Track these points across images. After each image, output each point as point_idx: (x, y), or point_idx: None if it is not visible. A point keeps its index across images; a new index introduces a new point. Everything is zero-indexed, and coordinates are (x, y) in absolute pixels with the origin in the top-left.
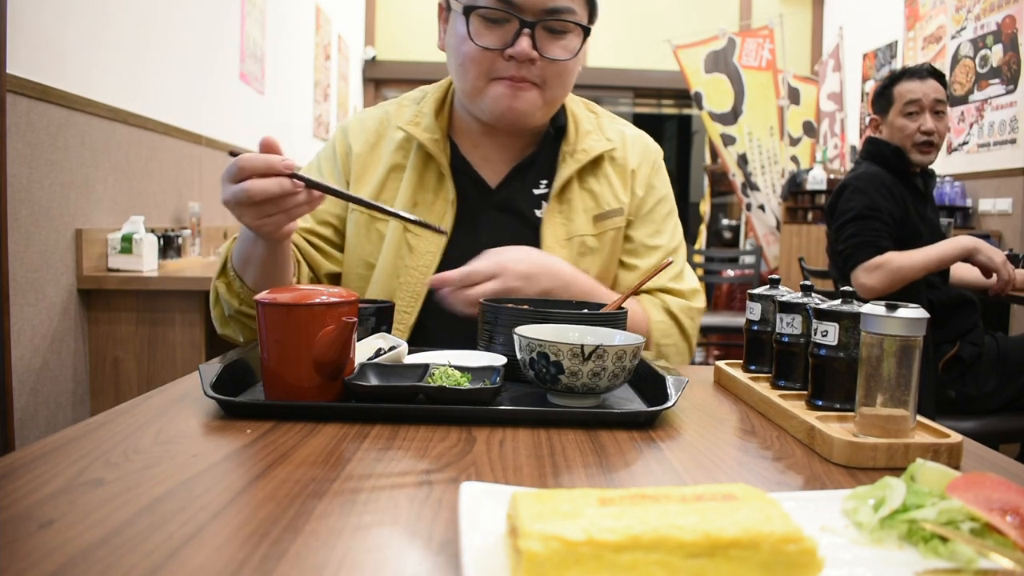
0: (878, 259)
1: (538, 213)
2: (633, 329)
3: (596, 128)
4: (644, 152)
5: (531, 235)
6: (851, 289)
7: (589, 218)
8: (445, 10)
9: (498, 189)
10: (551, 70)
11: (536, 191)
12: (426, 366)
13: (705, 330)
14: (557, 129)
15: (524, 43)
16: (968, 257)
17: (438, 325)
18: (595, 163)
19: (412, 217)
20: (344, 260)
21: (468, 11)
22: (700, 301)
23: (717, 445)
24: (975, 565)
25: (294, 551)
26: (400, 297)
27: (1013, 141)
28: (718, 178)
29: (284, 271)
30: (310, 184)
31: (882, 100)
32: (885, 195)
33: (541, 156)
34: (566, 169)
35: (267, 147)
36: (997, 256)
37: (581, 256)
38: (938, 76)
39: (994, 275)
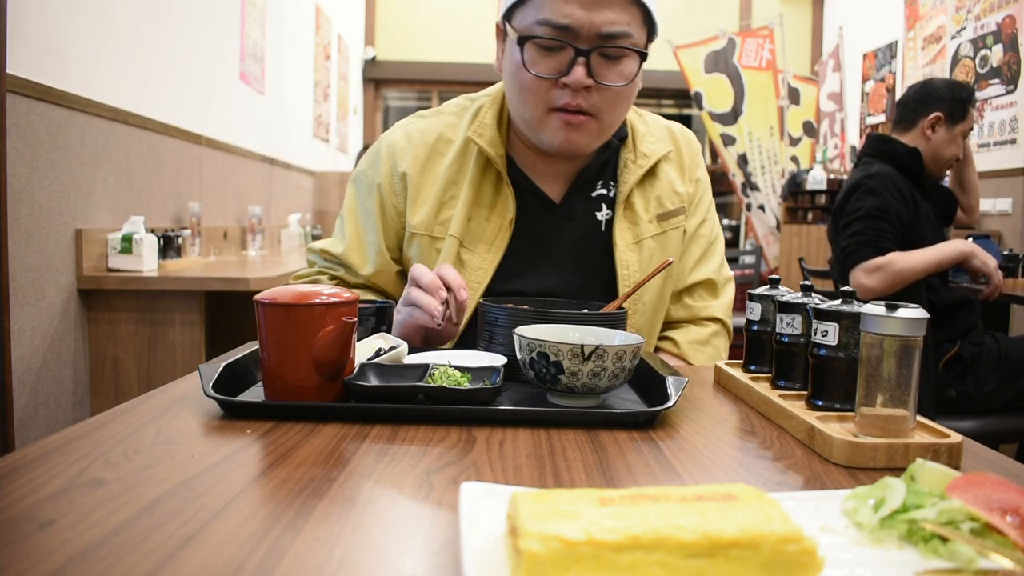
0: (880, 260)
1: (599, 216)
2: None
3: (646, 129)
4: (690, 145)
5: (595, 239)
6: (851, 289)
7: (653, 218)
8: (503, 32)
9: (562, 204)
10: (607, 97)
11: (593, 194)
12: (426, 366)
13: None
14: (620, 138)
15: (579, 72)
16: (964, 261)
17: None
18: (653, 166)
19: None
20: None
21: (523, 41)
22: (728, 294)
23: (717, 445)
24: (975, 565)
25: (294, 551)
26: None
27: (1013, 141)
28: (718, 178)
29: None
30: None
31: (958, 109)
32: (897, 198)
33: (597, 160)
34: (631, 175)
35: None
36: (991, 261)
37: (650, 258)
38: None
39: (984, 279)
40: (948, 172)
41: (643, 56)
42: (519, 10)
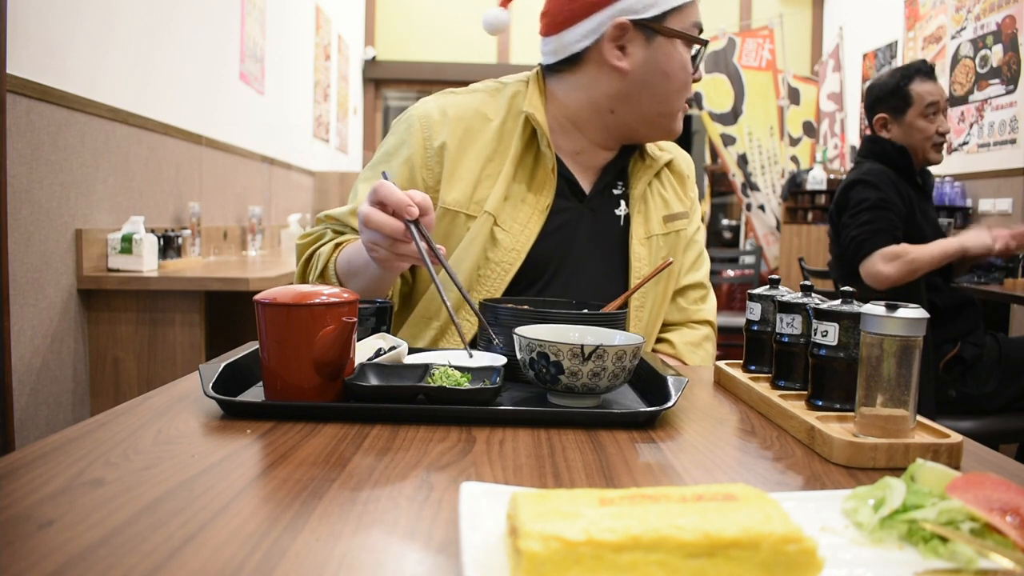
0: (896, 248)
1: (616, 212)
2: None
3: None
4: (686, 160)
5: (614, 234)
6: (851, 289)
7: (660, 218)
8: (635, 30)
9: (591, 196)
10: None
11: (615, 191)
12: (426, 366)
13: None
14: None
15: (700, 68)
16: (966, 253)
17: None
18: (660, 169)
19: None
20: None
21: (704, 43)
22: (713, 300)
23: (717, 445)
24: (975, 565)
25: (294, 551)
26: (477, 291)
27: (1013, 141)
28: (718, 178)
29: (388, 285)
30: (421, 240)
31: (896, 99)
32: (893, 192)
33: (617, 160)
34: (644, 174)
35: (409, 194)
36: (986, 239)
37: (657, 255)
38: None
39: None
40: (937, 150)
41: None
42: (678, 13)
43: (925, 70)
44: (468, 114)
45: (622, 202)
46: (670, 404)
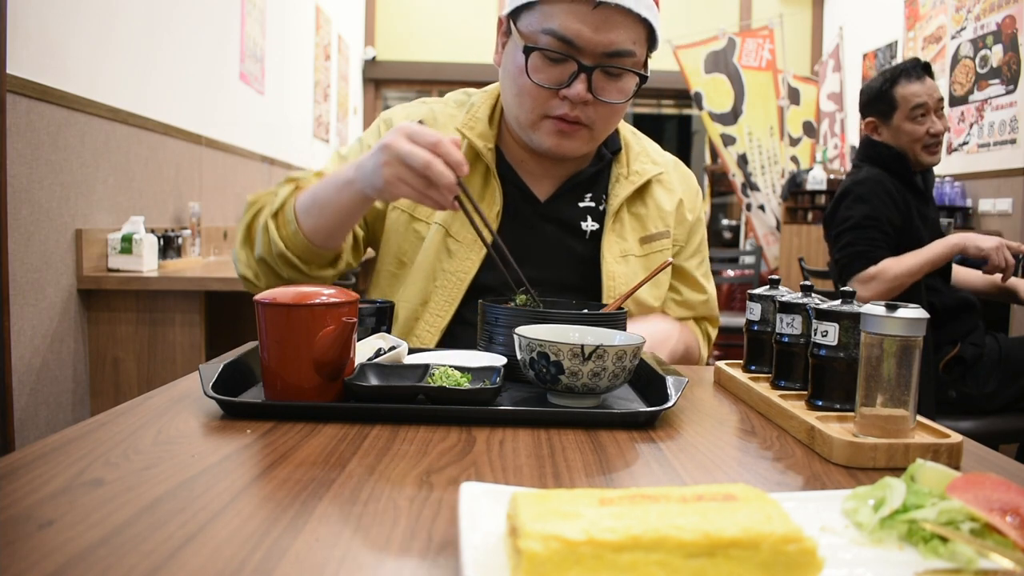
0: (872, 270)
1: (583, 226)
2: (688, 357)
3: (640, 148)
4: (687, 180)
5: (578, 247)
6: (851, 289)
7: (636, 239)
8: (505, 26)
9: (547, 202)
10: (603, 111)
11: (581, 204)
12: (426, 366)
13: None
14: (613, 152)
15: (579, 87)
16: (965, 250)
17: (469, 332)
18: (644, 185)
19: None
20: (379, 256)
21: (528, 51)
22: (713, 334)
23: (717, 445)
24: (975, 565)
25: (294, 551)
26: (435, 301)
27: (1013, 141)
28: (718, 178)
29: (347, 228)
30: (465, 198)
31: (882, 103)
32: (887, 202)
33: (588, 171)
34: (621, 190)
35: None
36: (986, 243)
37: (635, 274)
38: (929, 71)
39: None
40: (936, 151)
41: (643, 78)
42: (526, 13)
43: (911, 71)
44: (429, 123)
45: (589, 217)
46: (670, 404)
